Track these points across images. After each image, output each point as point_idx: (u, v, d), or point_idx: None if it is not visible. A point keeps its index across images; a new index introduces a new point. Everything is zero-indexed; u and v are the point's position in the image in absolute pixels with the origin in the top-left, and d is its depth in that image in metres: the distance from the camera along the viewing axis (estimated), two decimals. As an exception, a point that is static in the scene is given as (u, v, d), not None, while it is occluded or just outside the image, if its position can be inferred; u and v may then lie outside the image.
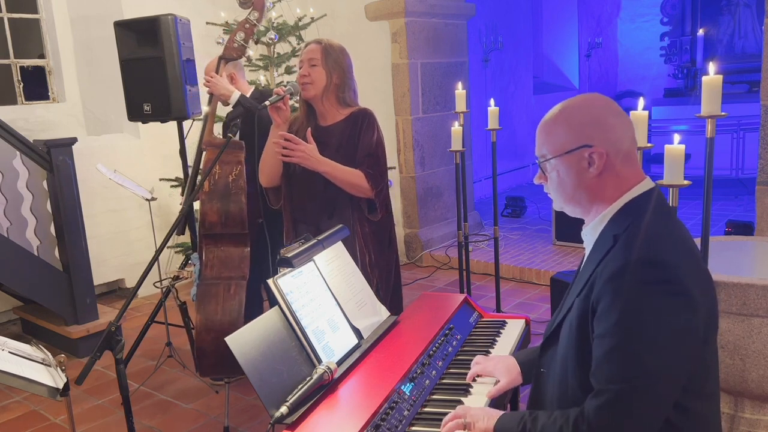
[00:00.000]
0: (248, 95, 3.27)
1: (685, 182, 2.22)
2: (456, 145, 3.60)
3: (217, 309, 2.69)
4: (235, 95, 3.14)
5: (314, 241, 1.93)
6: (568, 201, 1.46)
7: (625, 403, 1.22)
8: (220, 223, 2.77)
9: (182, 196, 3.86)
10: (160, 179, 5.07)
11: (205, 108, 3.14)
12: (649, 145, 2.39)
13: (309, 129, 2.42)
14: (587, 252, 1.46)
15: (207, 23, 4.84)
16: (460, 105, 3.73)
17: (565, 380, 1.39)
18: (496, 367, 1.72)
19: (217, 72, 3.08)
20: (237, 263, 2.80)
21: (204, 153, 2.94)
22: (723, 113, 2.28)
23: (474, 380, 1.75)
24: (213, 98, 3.07)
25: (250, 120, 3.07)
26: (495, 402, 1.69)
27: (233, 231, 2.80)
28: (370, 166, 2.42)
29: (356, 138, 2.45)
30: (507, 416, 1.42)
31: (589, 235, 1.45)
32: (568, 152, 1.40)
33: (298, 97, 2.51)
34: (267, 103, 2.34)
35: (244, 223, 2.80)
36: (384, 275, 2.54)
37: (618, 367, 1.23)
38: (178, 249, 5.03)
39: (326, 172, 2.39)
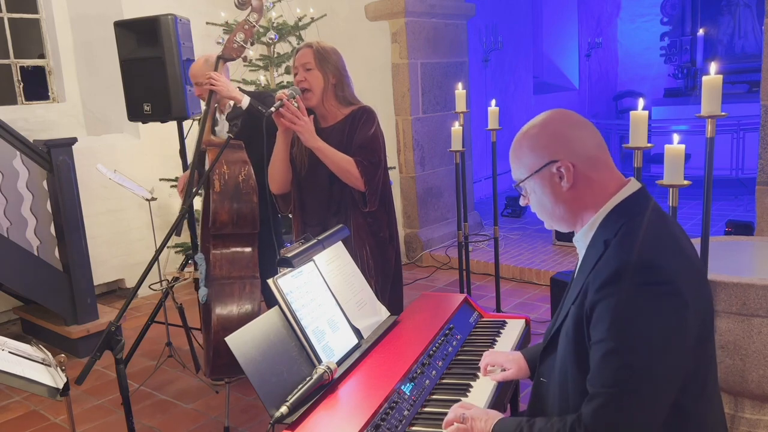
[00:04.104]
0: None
1: (685, 182, 2.22)
2: (456, 145, 3.60)
3: (233, 308, 2.70)
4: (246, 100, 3.13)
5: (314, 241, 1.93)
6: (552, 217, 1.49)
7: (621, 406, 1.22)
8: (232, 223, 2.78)
9: (181, 197, 3.84)
10: (160, 179, 5.07)
11: (203, 107, 3.13)
12: (649, 145, 2.39)
13: (312, 116, 2.44)
14: (580, 258, 1.47)
15: (207, 23, 4.84)
16: (460, 105, 3.73)
17: (566, 388, 1.39)
18: (506, 358, 1.79)
19: (215, 71, 3.06)
20: (246, 263, 2.81)
21: (206, 153, 2.94)
22: (723, 113, 2.28)
23: (475, 378, 1.76)
24: (212, 97, 3.05)
25: (252, 118, 3.07)
26: (497, 396, 1.69)
27: (244, 231, 2.81)
28: (362, 156, 2.43)
29: (354, 134, 2.46)
30: (505, 420, 1.43)
31: (581, 241, 1.46)
32: (537, 171, 1.43)
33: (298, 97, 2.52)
34: (272, 109, 2.34)
35: (256, 223, 2.82)
36: (380, 268, 2.54)
37: (612, 371, 1.23)
38: (178, 249, 5.03)
39: (318, 148, 2.39)
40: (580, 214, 1.44)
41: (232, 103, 3.30)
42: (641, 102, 2.43)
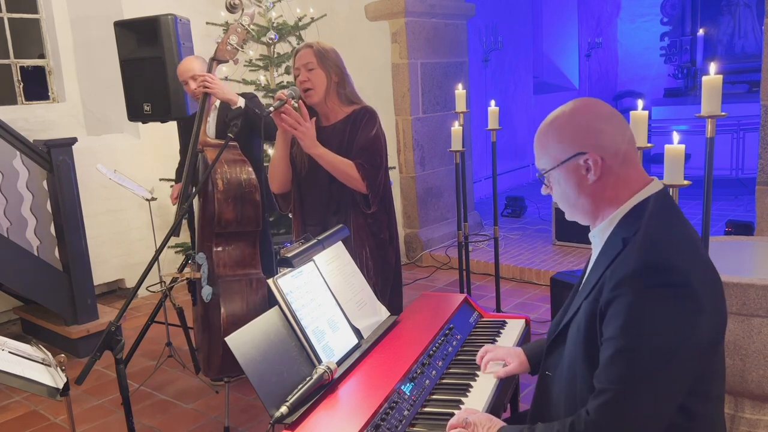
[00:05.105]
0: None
1: (685, 182, 2.22)
2: (456, 145, 3.60)
3: (243, 305, 2.72)
4: (241, 101, 3.14)
5: (314, 241, 1.93)
6: (574, 209, 1.46)
7: (626, 404, 1.23)
8: (236, 221, 2.80)
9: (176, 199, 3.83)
10: (160, 179, 5.07)
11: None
12: (649, 145, 2.39)
13: (314, 119, 2.44)
14: (595, 254, 1.46)
15: (207, 23, 4.84)
16: (460, 105, 3.73)
17: (574, 383, 1.39)
18: (507, 353, 1.79)
19: (209, 72, 3.06)
20: (250, 260, 2.84)
21: (201, 154, 2.95)
22: (723, 113, 2.28)
23: (475, 378, 1.76)
24: (208, 98, 3.05)
25: (248, 120, 3.07)
26: (497, 395, 1.69)
27: (248, 229, 2.83)
28: (363, 158, 2.43)
29: (356, 134, 2.46)
30: (507, 429, 1.43)
31: (598, 237, 1.45)
32: (563, 162, 1.40)
33: (300, 102, 2.52)
34: (271, 109, 2.34)
35: (259, 221, 2.84)
36: (380, 269, 2.54)
37: (622, 369, 1.23)
38: (178, 249, 5.03)
39: (319, 155, 2.40)
40: (602, 207, 1.42)
41: (217, 103, 3.29)
42: (641, 102, 2.43)
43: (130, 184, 4.04)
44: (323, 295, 1.83)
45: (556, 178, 1.44)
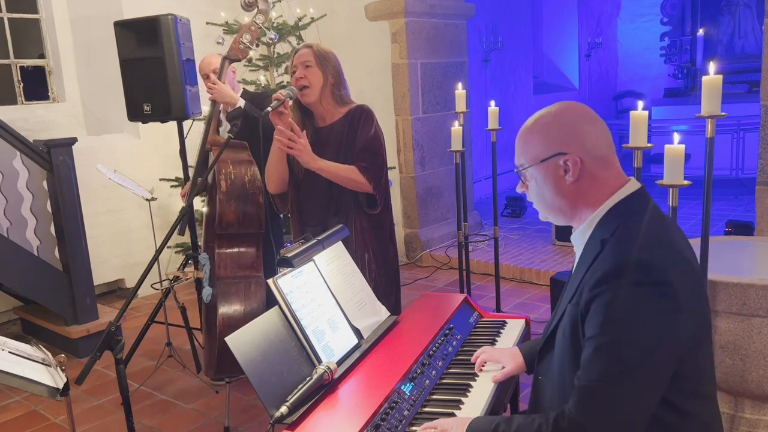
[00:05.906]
0: (239, 95, 3.30)
1: (685, 182, 2.22)
2: (456, 145, 3.60)
3: (239, 308, 2.72)
4: (241, 103, 3.15)
5: (314, 241, 1.93)
6: (549, 209, 1.47)
7: (605, 400, 1.24)
8: (238, 222, 2.80)
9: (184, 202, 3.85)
10: (160, 179, 5.07)
11: (206, 108, 3.15)
12: (649, 145, 2.39)
13: (305, 131, 2.44)
14: (577, 257, 1.47)
15: (207, 23, 4.84)
16: (460, 105, 3.73)
17: (564, 387, 1.39)
18: (502, 354, 1.79)
19: (220, 72, 3.08)
20: (251, 262, 2.84)
21: (210, 153, 2.96)
22: (723, 113, 2.28)
23: (475, 378, 1.76)
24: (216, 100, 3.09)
25: (248, 120, 3.08)
26: (497, 396, 1.69)
27: (250, 231, 2.84)
28: (365, 160, 2.44)
29: (355, 134, 2.47)
30: (480, 418, 1.43)
31: (578, 240, 1.46)
32: (543, 161, 1.41)
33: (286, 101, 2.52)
34: (269, 109, 2.35)
35: (261, 223, 2.84)
36: (383, 271, 2.54)
37: (601, 365, 1.24)
38: (178, 249, 5.03)
39: (320, 168, 2.40)
40: (579, 209, 1.43)
41: None
42: (641, 103, 2.42)
43: (130, 184, 4.04)
44: (323, 295, 1.83)
45: (533, 175, 1.45)
